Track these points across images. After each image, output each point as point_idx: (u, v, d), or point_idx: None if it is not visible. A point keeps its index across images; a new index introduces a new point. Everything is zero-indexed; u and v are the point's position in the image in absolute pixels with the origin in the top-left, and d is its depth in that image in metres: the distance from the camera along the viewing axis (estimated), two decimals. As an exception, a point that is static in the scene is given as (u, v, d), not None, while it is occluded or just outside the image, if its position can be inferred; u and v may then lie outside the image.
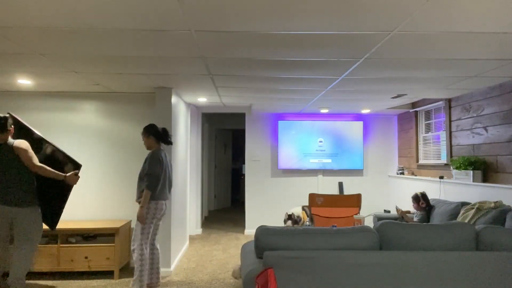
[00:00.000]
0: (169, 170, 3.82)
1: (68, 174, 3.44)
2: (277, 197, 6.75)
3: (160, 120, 4.44)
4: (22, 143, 3.34)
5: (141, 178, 3.62)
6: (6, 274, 3.63)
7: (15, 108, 4.77)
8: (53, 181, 3.48)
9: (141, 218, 3.52)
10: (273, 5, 2.06)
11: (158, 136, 3.73)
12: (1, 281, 3.65)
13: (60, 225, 4.26)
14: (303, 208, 5.03)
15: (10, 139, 3.32)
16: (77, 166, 3.58)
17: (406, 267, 2.40)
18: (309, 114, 6.82)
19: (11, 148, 3.28)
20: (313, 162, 6.69)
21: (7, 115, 3.36)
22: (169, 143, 3.80)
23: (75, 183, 3.53)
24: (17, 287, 3.25)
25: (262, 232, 2.55)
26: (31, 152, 3.35)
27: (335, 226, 3.21)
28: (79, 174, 3.53)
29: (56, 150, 3.62)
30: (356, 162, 6.72)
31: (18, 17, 2.27)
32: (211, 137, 8.96)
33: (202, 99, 5.44)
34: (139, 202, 3.58)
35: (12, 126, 3.37)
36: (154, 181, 3.54)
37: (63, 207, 3.60)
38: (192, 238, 6.27)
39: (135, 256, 3.56)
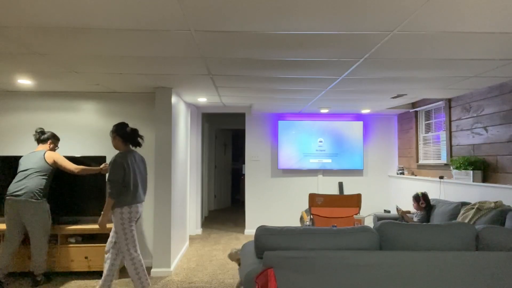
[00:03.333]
0: (142, 172, 3.61)
1: (101, 166, 4.18)
2: (277, 197, 6.75)
3: (160, 120, 4.44)
4: (55, 155, 4.08)
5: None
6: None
7: (15, 108, 4.77)
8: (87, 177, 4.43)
9: (102, 225, 3.41)
10: (273, 5, 2.06)
11: (125, 137, 3.52)
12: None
13: (60, 225, 4.28)
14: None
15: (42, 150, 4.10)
16: (101, 159, 4.45)
17: (406, 267, 2.40)
18: (309, 114, 6.82)
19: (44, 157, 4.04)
20: (313, 162, 6.69)
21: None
22: (137, 144, 3.58)
23: (108, 172, 4.21)
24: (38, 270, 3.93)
25: (262, 232, 2.55)
26: (66, 161, 4.10)
27: (335, 226, 3.20)
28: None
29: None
30: (356, 162, 6.72)
31: (18, 17, 2.27)
32: (211, 137, 8.96)
33: (202, 99, 5.44)
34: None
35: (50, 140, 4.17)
36: (115, 188, 3.36)
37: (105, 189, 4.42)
38: (192, 238, 6.27)
39: (126, 264, 3.46)
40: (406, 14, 2.17)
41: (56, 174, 4.14)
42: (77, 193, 4.44)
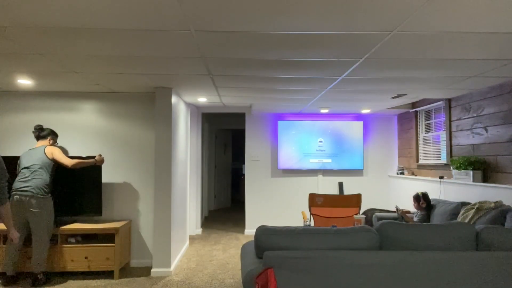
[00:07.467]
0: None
1: (96, 158, 4.22)
2: (277, 197, 6.75)
3: (160, 120, 4.44)
4: (54, 149, 4.09)
5: None
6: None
7: (15, 108, 4.77)
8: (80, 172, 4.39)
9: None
10: (273, 5, 2.06)
11: None
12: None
13: (60, 225, 4.28)
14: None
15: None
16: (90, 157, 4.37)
17: (406, 267, 2.40)
18: (309, 114, 6.82)
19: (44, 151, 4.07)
20: (313, 162, 6.69)
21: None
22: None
23: (103, 163, 4.32)
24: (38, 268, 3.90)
25: (262, 232, 2.55)
26: (62, 155, 4.08)
27: (335, 226, 3.20)
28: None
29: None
30: (356, 162, 6.72)
31: (17, 17, 2.27)
32: (211, 137, 8.96)
33: (202, 99, 5.44)
34: None
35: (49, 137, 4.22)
36: None
37: (101, 190, 4.44)
38: (192, 238, 6.27)
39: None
40: (406, 14, 2.17)
41: (54, 173, 4.14)
42: (76, 192, 4.44)
